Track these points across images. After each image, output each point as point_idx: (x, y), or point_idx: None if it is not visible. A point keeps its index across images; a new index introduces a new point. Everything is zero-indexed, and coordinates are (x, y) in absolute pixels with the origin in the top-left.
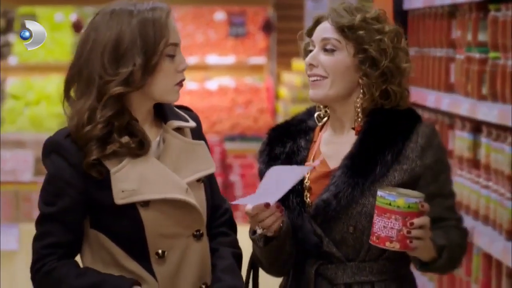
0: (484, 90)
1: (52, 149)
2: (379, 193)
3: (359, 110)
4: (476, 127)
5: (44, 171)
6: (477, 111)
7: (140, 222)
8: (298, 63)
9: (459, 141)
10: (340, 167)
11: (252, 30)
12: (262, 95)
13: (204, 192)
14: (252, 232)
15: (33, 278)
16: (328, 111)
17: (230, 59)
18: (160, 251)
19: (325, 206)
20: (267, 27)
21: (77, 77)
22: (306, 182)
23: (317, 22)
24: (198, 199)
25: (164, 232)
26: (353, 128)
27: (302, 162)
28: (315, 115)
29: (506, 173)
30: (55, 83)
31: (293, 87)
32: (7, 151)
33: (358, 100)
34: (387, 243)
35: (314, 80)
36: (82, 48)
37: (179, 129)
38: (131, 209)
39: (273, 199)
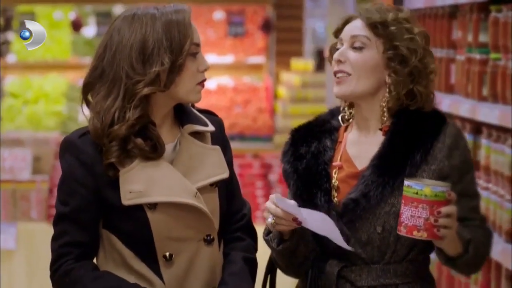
0: (485, 91)
1: (66, 148)
2: (406, 182)
3: (385, 109)
4: (477, 128)
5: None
6: (477, 112)
7: (147, 224)
8: (297, 63)
9: None
10: (369, 166)
11: (251, 29)
12: (261, 95)
13: (218, 197)
14: (266, 233)
15: (51, 277)
16: (353, 111)
17: (229, 59)
18: (167, 254)
19: (354, 205)
20: (266, 27)
21: (100, 78)
22: (335, 182)
23: (346, 22)
24: (210, 204)
25: (172, 235)
26: (380, 129)
27: (328, 161)
28: (340, 116)
29: (506, 175)
30: (53, 82)
31: (292, 87)
32: (5, 150)
33: (384, 98)
34: (415, 232)
35: (340, 76)
36: (104, 51)
37: (198, 133)
38: (139, 210)
39: (305, 225)
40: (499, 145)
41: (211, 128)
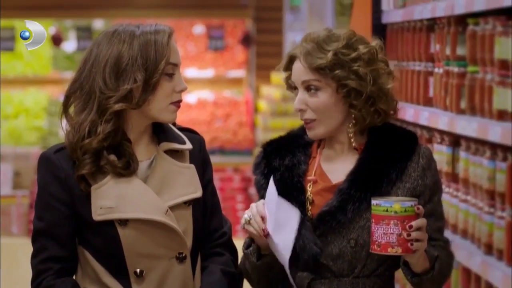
0: (463, 104)
1: (41, 163)
2: (374, 201)
3: (351, 135)
4: (455, 141)
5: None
6: (455, 125)
7: (118, 240)
8: (277, 77)
9: (437, 155)
10: (345, 181)
11: (231, 43)
12: (241, 109)
13: (192, 216)
14: (246, 247)
15: None
16: None
17: (209, 73)
18: (138, 270)
19: (329, 218)
20: (246, 40)
21: (78, 92)
22: (309, 195)
23: (291, 60)
24: (182, 222)
25: (143, 251)
26: (356, 149)
27: (303, 175)
28: None
29: (485, 187)
30: (34, 97)
31: (272, 101)
32: None
33: (350, 126)
34: (389, 249)
35: (308, 123)
36: (84, 64)
37: (176, 151)
38: (110, 226)
39: (273, 237)
40: (477, 157)
41: (187, 146)
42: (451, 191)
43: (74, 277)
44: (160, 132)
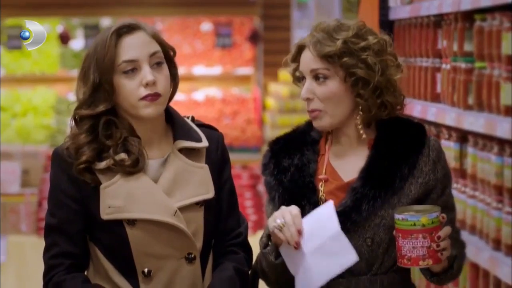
0: (470, 100)
1: (53, 159)
2: (399, 216)
3: (360, 127)
4: (463, 136)
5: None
6: (463, 120)
7: (126, 240)
8: (285, 74)
9: (445, 151)
10: (358, 179)
11: (239, 40)
12: (249, 106)
13: (203, 216)
14: (264, 246)
15: None
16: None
17: (217, 70)
18: (146, 270)
19: (344, 218)
20: (254, 38)
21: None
22: (322, 195)
23: (299, 50)
24: (192, 223)
25: (151, 251)
26: (365, 143)
27: (313, 174)
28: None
29: (493, 183)
30: (42, 95)
31: (280, 98)
32: None
33: (358, 118)
34: (420, 262)
35: (315, 113)
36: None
37: (192, 149)
38: (118, 226)
39: (308, 255)
40: (485, 153)
41: (203, 144)
42: (459, 187)
43: (86, 273)
44: (176, 129)
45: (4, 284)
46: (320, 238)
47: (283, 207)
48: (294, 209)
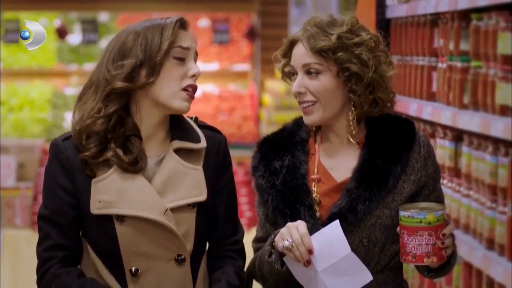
0: (466, 99)
1: (50, 150)
2: (405, 213)
3: (351, 123)
4: (458, 136)
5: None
6: (458, 120)
7: (115, 236)
8: None
9: (440, 150)
10: (351, 179)
11: (236, 37)
12: (245, 102)
13: (196, 218)
14: (268, 255)
15: (38, 282)
16: (321, 125)
17: (214, 66)
18: (133, 269)
19: (340, 219)
20: (251, 34)
21: (89, 85)
22: (315, 196)
23: (291, 44)
24: (183, 224)
25: (139, 250)
26: (356, 142)
27: (305, 175)
28: (308, 127)
29: (487, 182)
30: (38, 89)
31: (277, 94)
32: None
33: (350, 114)
34: (425, 259)
35: (306, 107)
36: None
37: (191, 150)
38: (108, 221)
39: (317, 264)
40: (480, 152)
41: (200, 145)
42: (453, 186)
43: (79, 266)
44: (176, 128)
45: (0, 277)
46: (331, 258)
47: (289, 224)
48: (301, 226)
